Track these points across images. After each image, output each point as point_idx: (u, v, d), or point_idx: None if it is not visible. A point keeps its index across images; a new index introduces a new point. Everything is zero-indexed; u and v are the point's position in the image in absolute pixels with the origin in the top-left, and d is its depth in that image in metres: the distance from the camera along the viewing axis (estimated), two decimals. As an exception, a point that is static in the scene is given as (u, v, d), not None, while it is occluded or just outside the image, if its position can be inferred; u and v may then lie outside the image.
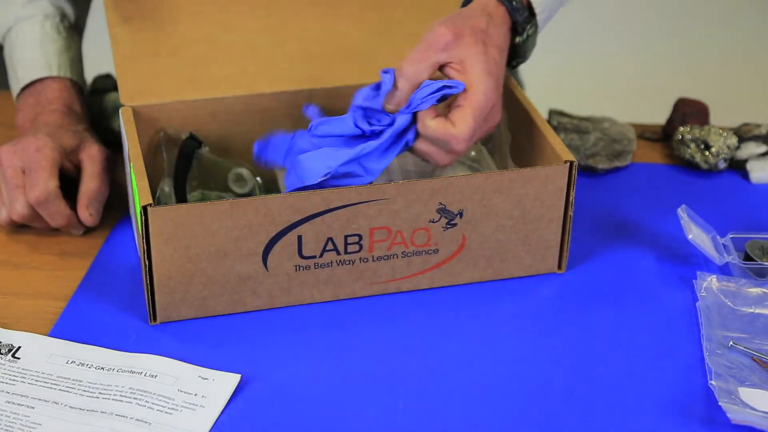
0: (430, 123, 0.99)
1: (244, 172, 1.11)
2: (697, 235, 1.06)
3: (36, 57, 1.19)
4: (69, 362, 0.95)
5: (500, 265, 1.05)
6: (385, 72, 1.01)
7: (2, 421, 0.88)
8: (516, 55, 1.06)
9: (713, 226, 1.10)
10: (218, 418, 0.90)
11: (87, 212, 1.10)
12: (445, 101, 1.01)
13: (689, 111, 1.29)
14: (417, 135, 1.01)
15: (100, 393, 0.91)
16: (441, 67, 1.01)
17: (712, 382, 0.92)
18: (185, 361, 0.95)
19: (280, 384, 0.93)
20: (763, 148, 1.24)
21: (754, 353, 0.96)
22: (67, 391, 0.92)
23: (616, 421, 0.90)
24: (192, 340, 0.98)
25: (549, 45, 1.18)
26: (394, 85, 1.01)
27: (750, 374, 0.94)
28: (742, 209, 1.18)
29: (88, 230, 1.12)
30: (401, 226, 1.00)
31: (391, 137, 1.00)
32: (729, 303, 1.02)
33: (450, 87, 0.99)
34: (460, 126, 0.99)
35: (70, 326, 0.99)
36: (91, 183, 1.11)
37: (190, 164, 1.10)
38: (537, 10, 1.05)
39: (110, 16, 1.12)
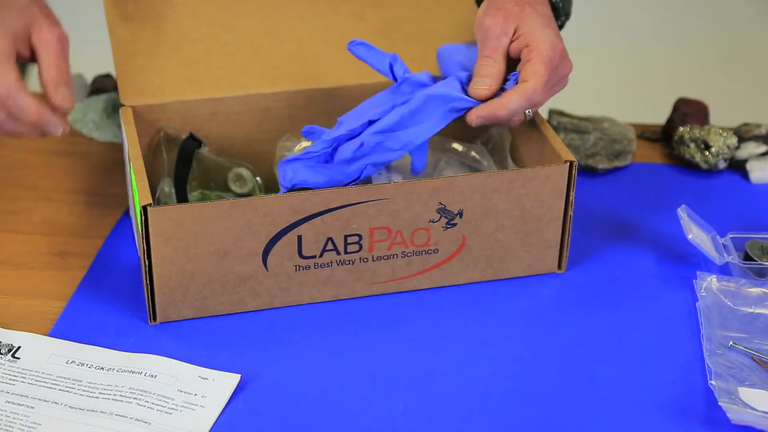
0: (509, 100, 1.00)
1: (244, 172, 1.11)
2: (697, 235, 1.06)
3: None
4: (69, 362, 0.95)
5: (500, 265, 1.05)
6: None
7: (2, 421, 0.88)
8: (558, 14, 1.09)
9: (713, 226, 1.10)
10: (218, 418, 0.90)
11: (59, 97, 0.99)
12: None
13: (689, 111, 1.29)
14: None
15: (100, 393, 0.91)
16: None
17: (712, 382, 0.92)
18: (185, 361, 0.95)
19: (280, 384, 0.93)
20: (763, 148, 1.24)
21: (754, 353, 0.96)
22: (67, 391, 0.92)
23: (616, 421, 0.90)
24: (192, 340, 0.98)
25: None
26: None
27: (750, 374, 0.94)
28: (742, 209, 1.18)
29: (88, 230, 1.12)
30: (401, 226, 1.00)
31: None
32: (729, 303, 1.02)
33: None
34: (533, 78, 1.00)
35: (70, 326, 0.99)
36: (51, 71, 1.00)
37: (190, 164, 1.10)
38: None
39: (110, 15, 1.12)
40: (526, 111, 1.03)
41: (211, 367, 0.94)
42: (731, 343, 0.97)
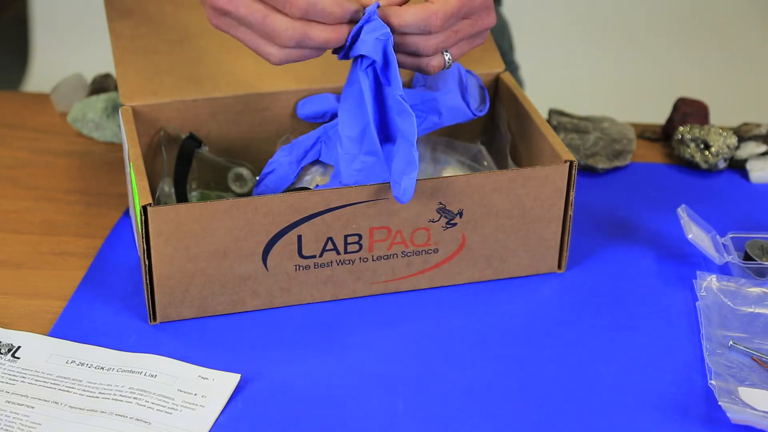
0: (406, 10, 0.92)
1: (244, 172, 1.11)
2: (697, 234, 1.06)
3: None
4: (69, 362, 0.95)
5: (500, 265, 1.05)
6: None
7: (2, 421, 0.88)
8: None
9: (713, 226, 1.10)
10: (218, 418, 0.90)
11: None
12: None
13: (689, 111, 1.29)
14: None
15: (99, 393, 0.91)
16: None
17: (712, 381, 0.92)
18: (185, 361, 0.95)
19: (280, 384, 0.93)
20: (763, 148, 1.24)
21: (754, 353, 0.96)
22: (67, 391, 0.92)
23: (616, 421, 0.90)
24: (192, 340, 0.98)
25: (549, 45, 1.18)
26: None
27: (750, 374, 0.94)
28: (742, 209, 1.18)
29: (88, 230, 1.12)
30: (401, 226, 1.00)
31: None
32: (729, 303, 1.02)
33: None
34: (439, 2, 0.92)
35: (70, 326, 0.99)
36: None
37: (190, 164, 1.10)
38: None
39: (110, 14, 1.12)
40: (445, 56, 0.96)
41: (211, 367, 0.94)
42: (731, 342, 0.97)
